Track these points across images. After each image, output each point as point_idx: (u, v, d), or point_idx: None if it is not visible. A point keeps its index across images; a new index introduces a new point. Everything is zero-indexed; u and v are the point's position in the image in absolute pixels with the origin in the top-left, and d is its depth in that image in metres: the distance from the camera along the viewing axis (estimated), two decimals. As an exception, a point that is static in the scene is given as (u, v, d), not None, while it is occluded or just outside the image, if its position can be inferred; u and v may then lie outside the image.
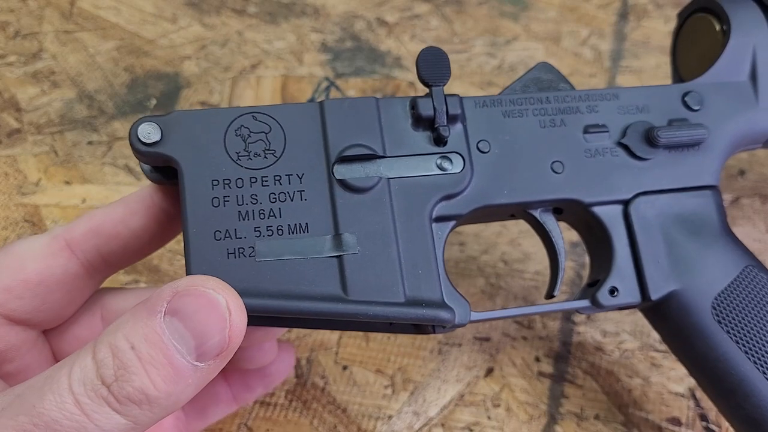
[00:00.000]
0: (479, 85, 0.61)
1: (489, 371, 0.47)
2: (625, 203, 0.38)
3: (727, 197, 0.54)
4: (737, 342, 0.37)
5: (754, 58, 0.42)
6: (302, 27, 0.63)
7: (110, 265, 0.36)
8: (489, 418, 0.45)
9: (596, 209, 0.38)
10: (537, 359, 0.48)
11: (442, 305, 0.34)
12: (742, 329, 0.37)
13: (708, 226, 0.39)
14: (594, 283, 0.39)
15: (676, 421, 0.46)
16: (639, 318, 0.49)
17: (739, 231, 0.52)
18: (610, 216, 0.38)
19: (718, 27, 0.43)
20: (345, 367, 0.47)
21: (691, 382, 0.47)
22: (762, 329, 0.37)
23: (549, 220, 0.39)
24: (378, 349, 0.48)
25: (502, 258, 0.53)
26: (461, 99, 0.37)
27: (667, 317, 0.38)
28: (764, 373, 0.36)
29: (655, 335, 0.49)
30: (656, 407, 0.46)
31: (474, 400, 0.46)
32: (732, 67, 0.42)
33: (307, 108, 0.35)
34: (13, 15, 0.61)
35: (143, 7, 0.63)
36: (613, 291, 0.38)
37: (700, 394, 0.47)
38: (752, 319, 0.37)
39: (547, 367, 0.47)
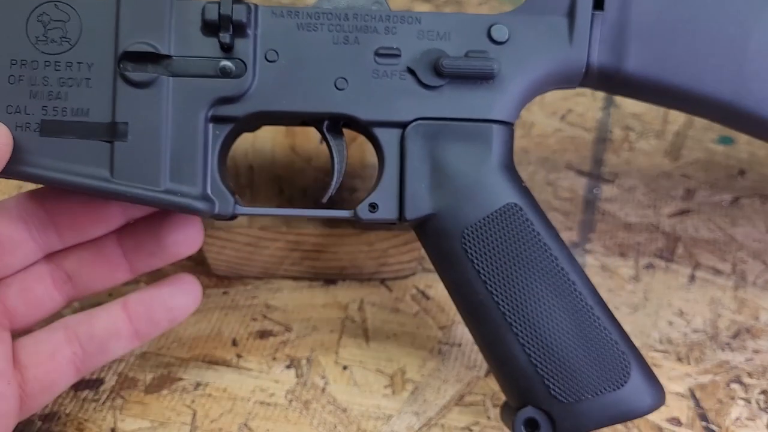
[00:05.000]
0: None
1: (489, 371, 0.47)
2: (404, 126, 0.39)
3: (726, 197, 0.54)
4: (478, 272, 0.38)
5: None
6: (302, 27, 0.63)
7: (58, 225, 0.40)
8: (489, 418, 0.45)
9: (375, 129, 0.39)
10: (537, 359, 0.48)
11: (200, 197, 0.38)
12: (484, 260, 0.38)
13: (482, 158, 0.39)
14: None
15: (676, 421, 0.46)
16: (639, 318, 0.49)
17: (739, 231, 0.52)
18: (387, 137, 0.39)
19: None
20: (345, 367, 0.47)
21: (692, 382, 0.47)
22: (503, 264, 0.38)
23: (334, 136, 0.41)
24: (378, 349, 0.48)
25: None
26: (255, 7, 0.38)
27: (425, 237, 0.40)
28: (497, 303, 0.38)
29: (655, 335, 0.49)
30: (656, 407, 0.46)
31: (474, 400, 0.46)
32: (550, 1, 0.39)
33: (105, 2, 0.38)
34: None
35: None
36: (373, 206, 0.39)
37: (700, 394, 0.47)
38: (496, 253, 0.38)
39: (547, 367, 0.47)
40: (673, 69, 0.39)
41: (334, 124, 0.41)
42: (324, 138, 0.41)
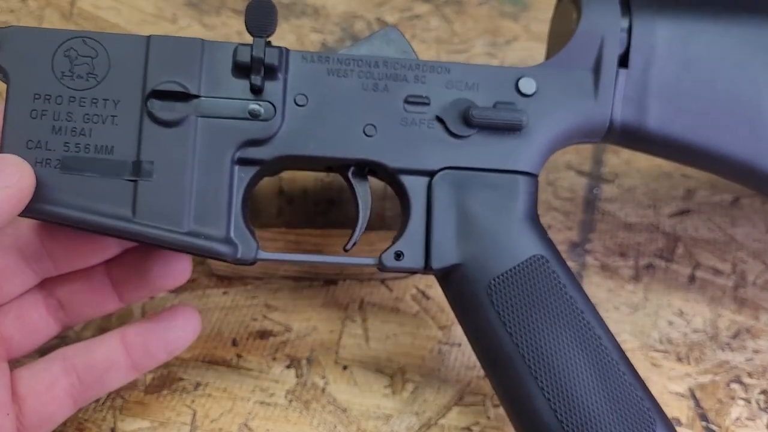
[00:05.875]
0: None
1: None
2: (432, 175, 0.39)
3: (726, 197, 0.54)
4: (504, 324, 0.38)
5: (601, 49, 0.40)
6: (302, 27, 0.63)
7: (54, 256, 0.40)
8: (489, 418, 0.45)
9: (402, 177, 0.39)
10: (537, 359, 0.48)
11: (223, 241, 0.37)
12: (511, 312, 0.38)
13: (508, 209, 0.39)
14: None
15: (676, 421, 0.46)
16: (639, 318, 0.49)
17: (739, 231, 0.52)
18: (415, 185, 0.39)
19: (575, 14, 0.41)
20: (345, 367, 0.47)
21: (692, 382, 0.47)
22: (529, 316, 0.38)
23: (359, 182, 0.40)
24: (378, 349, 0.48)
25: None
26: (286, 52, 0.38)
27: (449, 286, 0.40)
28: (522, 356, 0.38)
29: (655, 335, 0.49)
30: (656, 407, 0.46)
31: (474, 400, 0.46)
32: (577, 56, 0.40)
33: (135, 40, 0.37)
34: (13, 15, 0.61)
35: (143, 7, 0.63)
36: (399, 255, 0.39)
37: (700, 394, 0.47)
38: (523, 305, 0.38)
39: (547, 367, 0.47)
40: (692, 128, 0.40)
41: (359, 170, 0.41)
42: (349, 185, 0.41)
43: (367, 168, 0.40)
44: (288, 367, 0.47)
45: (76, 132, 0.36)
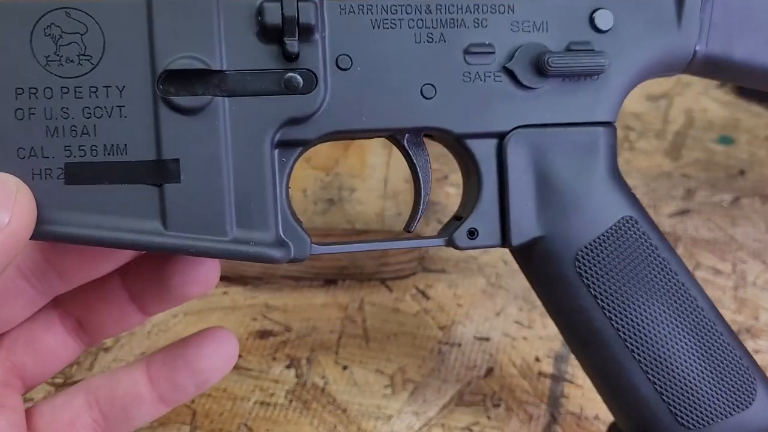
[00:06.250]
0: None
1: (489, 371, 0.47)
2: (502, 137, 0.34)
3: (726, 197, 0.54)
4: (595, 297, 0.34)
5: None
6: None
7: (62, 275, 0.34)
8: (489, 418, 0.45)
9: (469, 142, 0.34)
10: (537, 359, 0.48)
11: (274, 243, 0.32)
12: (602, 284, 0.34)
13: (591, 168, 0.35)
14: (459, 218, 0.36)
15: (676, 421, 0.46)
16: (639, 318, 0.49)
17: (739, 231, 0.52)
18: (483, 150, 0.34)
19: None
20: (345, 367, 0.47)
21: (691, 382, 0.47)
22: (622, 286, 0.34)
23: (416, 150, 0.35)
24: (378, 349, 0.48)
25: (503, 257, 0.53)
26: (321, 3, 0.32)
27: (530, 262, 0.36)
28: (617, 330, 0.35)
29: (655, 335, 0.49)
30: (656, 407, 0.46)
31: (474, 400, 0.46)
32: None
33: (132, 6, 0.30)
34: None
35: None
36: (473, 232, 0.35)
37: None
38: (615, 274, 0.34)
39: (547, 367, 0.47)
40: None
41: (414, 135, 0.35)
42: (406, 154, 0.36)
43: (422, 132, 0.35)
44: (288, 367, 0.47)
45: (77, 131, 0.29)
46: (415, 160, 0.35)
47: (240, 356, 0.48)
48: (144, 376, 0.35)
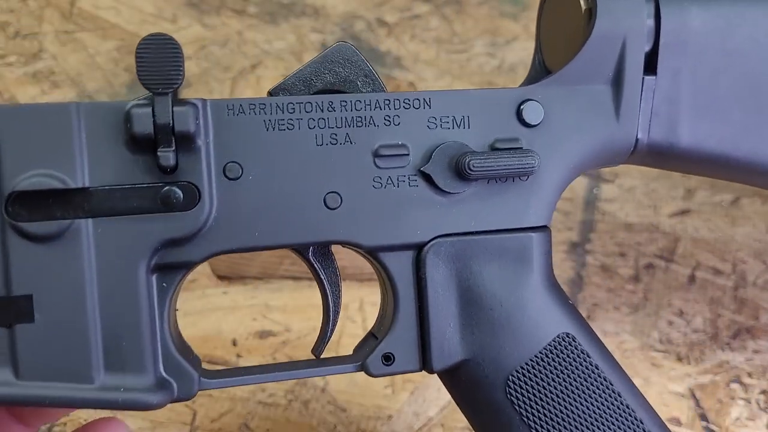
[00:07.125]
0: (479, 86, 0.61)
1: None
2: (419, 248, 0.30)
3: (727, 197, 0.54)
4: (529, 426, 0.31)
5: (623, 53, 0.31)
6: (302, 27, 0.63)
7: None
8: (489, 418, 0.45)
9: (382, 255, 0.31)
10: (537, 359, 0.48)
11: (152, 387, 0.28)
12: (537, 412, 0.31)
13: (523, 280, 0.31)
14: (376, 336, 0.33)
15: (676, 421, 0.46)
16: (639, 318, 0.49)
17: (739, 231, 0.52)
18: (399, 265, 0.31)
19: (582, 6, 0.32)
20: (345, 367, 0.47)
21: (692, 382, 0.47)
22: (559, 413, 0.31)
23: (324, 263, 0.31)
24: (378, 349, 0.48)
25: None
26: (204, 106, 0.28)
27: (456, 386, 0.32)
28: None
29: (655, 335, 0.49)
30: (656, 407, 0.46)
31: (474, 400, 0.46)
32: (591, 66, 0.31)
33: None
34: (13, 15, 0.61)
35: (143, 7, 0.63)
36: (388, 357, 0.31)
37: (700, 394, 0.47)
38: (551, 400, 0.31)
39: (547, 367, 0.47)
40: (732, 140, 0.33)
41: (321, 247, 0.32)
42: (312, 269, 0.32)
43: (329, 245, 0.32)
44: (288, 367, 0.47)
45: None
46: (322, 276, 0.32)
47: (240, 356, 0.48)
48: None
